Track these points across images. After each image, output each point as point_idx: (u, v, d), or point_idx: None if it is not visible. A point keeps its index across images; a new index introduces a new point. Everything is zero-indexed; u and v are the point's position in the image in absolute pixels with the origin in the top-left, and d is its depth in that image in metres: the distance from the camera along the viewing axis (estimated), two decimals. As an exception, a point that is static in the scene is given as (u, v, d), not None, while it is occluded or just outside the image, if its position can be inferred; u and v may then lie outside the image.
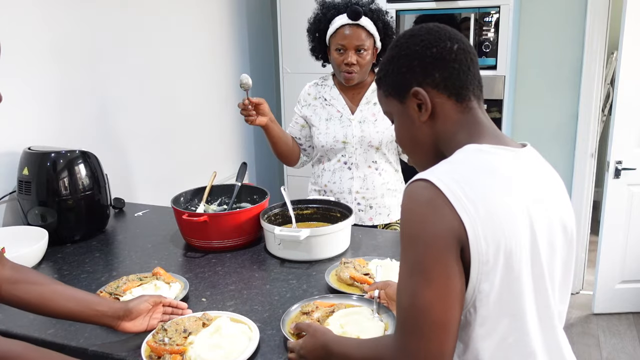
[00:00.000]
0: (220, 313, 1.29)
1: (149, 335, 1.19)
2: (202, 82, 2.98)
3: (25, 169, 1.77)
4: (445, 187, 0.81)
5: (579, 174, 3.23)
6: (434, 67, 0.92)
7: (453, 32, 0.95)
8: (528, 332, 0.88)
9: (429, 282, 0.80)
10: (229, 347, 1.15)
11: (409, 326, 0.82)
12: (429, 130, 0.95)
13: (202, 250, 1.73)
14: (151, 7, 2.51)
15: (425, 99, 0.92)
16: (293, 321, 1.24)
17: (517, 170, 0.89)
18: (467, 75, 0.93)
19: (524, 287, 0.86)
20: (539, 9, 3.08)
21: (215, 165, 2.98)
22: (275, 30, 3.39)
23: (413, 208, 0.83)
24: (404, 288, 0.83)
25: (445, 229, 0.80)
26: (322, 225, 1.77)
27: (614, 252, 3.04)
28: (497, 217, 0.82)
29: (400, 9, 2.84)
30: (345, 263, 1.51)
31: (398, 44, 0.96)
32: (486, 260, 0.81)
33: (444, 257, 0.80)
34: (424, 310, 0.80)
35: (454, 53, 0.92)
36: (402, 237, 0.85)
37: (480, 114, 0.95)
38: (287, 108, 3.19)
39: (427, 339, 0.80)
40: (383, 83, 0.99)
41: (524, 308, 0.87)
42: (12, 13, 1.85)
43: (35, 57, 1.95)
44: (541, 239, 0.88)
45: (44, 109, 2.00)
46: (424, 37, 0.93)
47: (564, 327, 0.97)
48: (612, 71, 3.66)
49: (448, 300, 0.80)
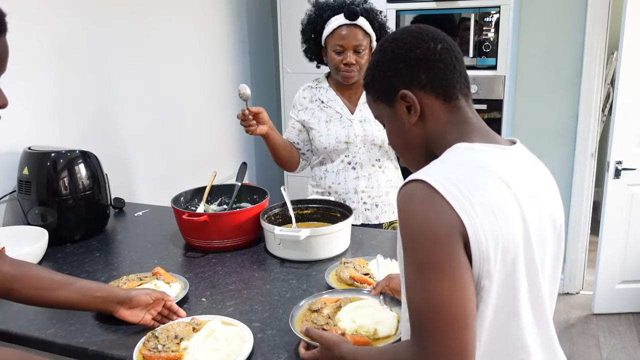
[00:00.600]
0: (210, 317, 1.28)
1: (139, 344, 1.17)
2: (202, 81, 2.98)
3: (26, 169, 1.77)
4: (440, 187, 0.82)
5: (579, 174, 3.23)
6: (419, 68, 0.92)
7: (436, 32, 0.95)
8: (523, 327, 0.89)
9: (440, 277, 0.79)
10: (227, 349, 1.15)
11: (426, 326, 0.79)
12: (419, 131, 0.95)
13: (202, 250, 1.73)
14: (151, 8, 2.51)
15: (414, 101, 0.92)
16: (301, 319, 1.23)
17: (509, 167, 0.89)
18: (454, 74, 0.93)
19: (520, 282, 0.87)
20: (539, 9, 3.08)
21: (215, 165, 2.98)
22: (275, 30, 3.39)
23: (412, 208, 0.83)
24: (414, 288, 0.82)
25: (448, 225, 0.80)
26: (322, 225, 1.77)
27: (614, 252, 3.04)
28: (493, 214, 0.83)
29: (400, 9, 2.84)
30: (345, 263, 1.51)
31: (382, 48, 0.97)
32: (487, 257, 0.82)
33: (451, 250, 0.80)
34: (440, 306, 0.78)
35: (437, 53, 0.92)
36: (405, 238, 0.84)
37: (469, 113, 0.95)
38: (286, 108, 3.19)
39: (447, 337, 0.78)
40: (371, 88, 1.00)
41: (519, 303, 0.88)
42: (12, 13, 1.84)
43: (35, 57, 1.95)
44: (533, 234, 0.89)
45: (44, 109, 2.00)
46: (407, 39, 0.93)
47: (564, 327, 0.98)
48: (612, 71, 3.66)
49: (462, 293, 0.79)
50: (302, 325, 1.19)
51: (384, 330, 1.18)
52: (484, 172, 0.86)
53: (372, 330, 1.17)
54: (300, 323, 1.22)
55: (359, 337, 1.16)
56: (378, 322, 1.19)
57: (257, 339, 1.22)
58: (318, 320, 1.20)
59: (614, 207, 2.97)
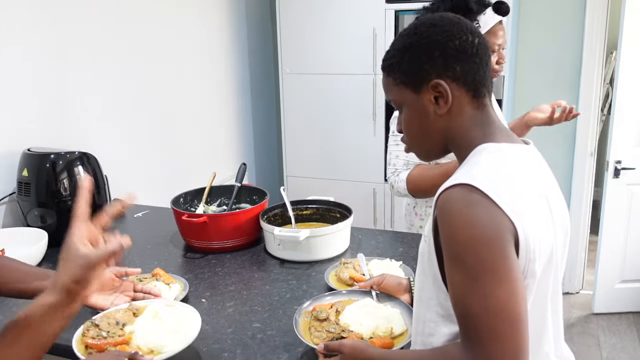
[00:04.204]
0: (148, 302, 1.27)
1: (77, 334, 1.14)
2: (202, 82, 2.98)
3: (25, 171, 1.77)
4: (489, 190, 0.81)
5: (578, 173, 3.23)
6: (455, 59, 0.89)
7: (473, 26, 0.92)
8: (548, 320, 0.93)
9: (499, 281, 0.77)
10: (178, 327, 1.15)
11: (486, 331, 0.77)
12: (443, 123, 0.93)
13: (202, 251, 1.73)
14: (151, 8, 2.51)
15: (446, 92, 0.90)
16: (308, 330, 1.18)
17: (534, 168, 0.91)
18: (485, 71, 0.92)
19: (551, 278, 0.90)
20: (538, 9, 3.08)
21: (214, 166, 2.98)
22: (274, 30, 3.39)
23: (463, 212, 0.81)
24: (471, 293, 0.79)
25: (500, 228, 0.80)
26: (321, 225, 1.77)
27: (614, 251, 3.04)
28: (535, 214, 0.84)
29: (399, 9, 2.84)
30: (344, 263, 1.51)
31: (417, 32, 0.92)
32: (533, 258, 0.83)
33: (505, 253, 0.79)
34: (501, 310, 0.77)
35: (475, 47, 0.90)
36: (453, 244, 0.81)
37: (492, 112, 0.95)
38: (286, 108, 3.19)
39: (508, 340, 0.77)
40: (397, 70, 0.94)
41: (547, 298, 0.91)
42: (12, 13, 1.85)
43: (35, 58, 1.95)
44: (558, 231, 0.91)
45: (43, 110, 2.00)
46: (447, 27, 0.90)
47: (564, 327, 1.03)
48: (611, 71, 3.66)
49: (519, 295, 0.79)
50: (314, 338, 1.15)
51: (398, 328, 1.17)
52: (520, 174, 0.87)
53: (389, 329, 1.16)
54: (308, 333, 1.17)
55: (382, 339, 1.13)
56: (391, 321, 1.18)
57: (257, 340, 1.23)
58: (334, 329, 1.16)
59: (614, 207, 2.97)
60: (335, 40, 2.98)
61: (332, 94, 3.05)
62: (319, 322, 1.19)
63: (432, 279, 0.90)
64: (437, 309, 0.91)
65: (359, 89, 2.99)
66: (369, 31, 2.90)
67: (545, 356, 0.94)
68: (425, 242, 0.91)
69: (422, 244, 0.94)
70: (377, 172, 3.07)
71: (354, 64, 2.97)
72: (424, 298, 0.94)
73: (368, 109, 3.00)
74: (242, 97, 3.33)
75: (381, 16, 2.86)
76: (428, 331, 0.93)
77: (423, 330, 0.95)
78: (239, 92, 3.29)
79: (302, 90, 3.12)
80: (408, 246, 1.72)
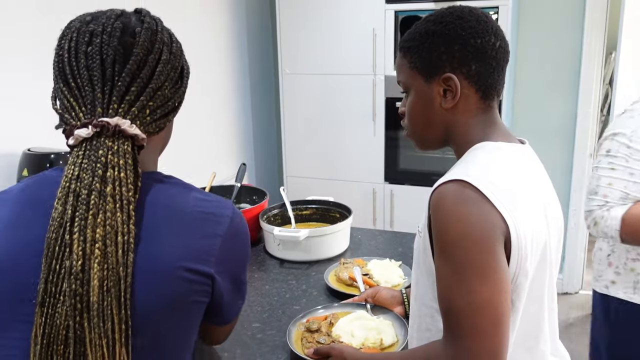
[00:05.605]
0: None
1: None
2: (201, 82, 2.98)
3: (25, 170, 1.77)
4: (484, 188, 0.81)
5: (577, 173, 3.23)
6: (473, 57, 0.89)
7: (498, 28, 0.92)
8: (544, 319, 0.93)
9: (484, 279, 0.78)
10: None
11: (468, 327, 0.78)
12: (446, 117, 0.93)
13: (202, 251, 1.72)
14: (151, 8, 2.51)
15: (456, 88, 0.90)
16: (300, 341, 1.20)
17: (530, 167, 0.92)
18: (499, 75, 0.92)
19: (546, 277, 0.91)
20: (538, 10, 3.09)
21: (214, 166, 2.98)
22: (274, 30, 3.39)
23: (455, 208, 0.81)
24: (456, 289, 0.80)
25: (492, 226, 0.80)
26: (321, 225, 1.78)
27: (613, 251, 3.04)
28: (529, 213, 0.85)
29: (399, 10, 2.84)
30: (344, 263, 1.52)
31: (442, 21, 0.91)
32: (525, 256, 0.83)
33: (494, 252, 0.80)
34: (483, 307, 0.78)
35: (495, 50, 0.90)
36: (444, 239, 0.82)
37: (496, 115, 0.95)
38: (286, 109, 3.19)
39: (487, 337, 0.78)
40: (414, 53, 0.93)
41: (544, 297, 0.92)
42: (12, 13, 1.85)
43: (35, 57, 1.95)
44: (552, 229, 0.92)
45: (43, 110, 2.00)
46: (473, 24, 0.89)
47: (564, 327, 1.02)
48: (610, 71, 3.67)
49: (503, 294, 0.79)
50: (305, 349, 1.16)
51: (388, 339, 1.18)
52: (516, 172, 0.88)
53: (379, 340, 1.17)
54: (300, 344, 1.19)
55: (371, 349, 1.15)
56: (380, 332, 1.19)
57: (256, 339, 1.23)
58: (323, 340, 1.18)
59: (613, 207, 2.97)
60: (335, 40, 2.98)
61: (332, 94, 3.06)
62: (310, 333, 1.21)
63: (427, 274, 0.91)
64: (432, 303, 0.91)
65: (359, 89, 2.99)
66: (368, 31, 2.90)
67: (542, 354, 0.95)
68: (420, 238, 0.92)
69: (417, 239, 0.94)
70: (377, 172, 3.07)
71: (354, 64, 2.97)
72: (419, 293, 0.95)
73: (368, 109, 3.00)
74: (242, 97, 3.33)
75: (381, 17, 2.87)
76: (424, 326, 0.94)
77: (419, 325, 0.96)
78: (239, 92, 3.29)
79: (302, 91, 3.12)
80: (408, 246, 1.73)
